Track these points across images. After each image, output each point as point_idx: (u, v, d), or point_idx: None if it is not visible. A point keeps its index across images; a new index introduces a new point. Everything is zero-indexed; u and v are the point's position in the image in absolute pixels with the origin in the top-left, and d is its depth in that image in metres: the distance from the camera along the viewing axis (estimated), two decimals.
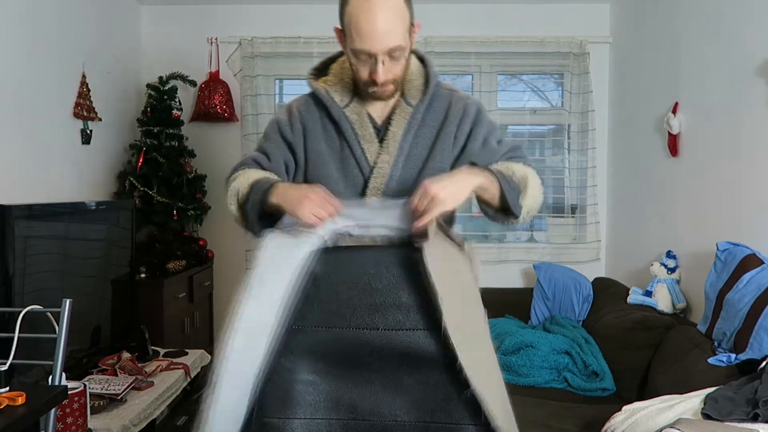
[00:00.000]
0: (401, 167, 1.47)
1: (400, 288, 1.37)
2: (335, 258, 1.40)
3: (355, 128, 1.49)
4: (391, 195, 1.46)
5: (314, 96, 1.54)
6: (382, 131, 1.50)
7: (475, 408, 1.33)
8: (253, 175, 1.47)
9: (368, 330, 1.35)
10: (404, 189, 1.45)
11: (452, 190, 1.33)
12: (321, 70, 1.58)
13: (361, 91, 1.48)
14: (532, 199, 1.46)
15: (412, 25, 1.41)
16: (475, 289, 1.41)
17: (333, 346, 1.37)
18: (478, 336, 1.36)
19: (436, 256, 1.33)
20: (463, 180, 1.37)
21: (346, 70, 1.52)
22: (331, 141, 1.50)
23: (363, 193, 1.47)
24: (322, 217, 1.33)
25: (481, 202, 1.49)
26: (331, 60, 1.59)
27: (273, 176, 1.49)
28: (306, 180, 1.53)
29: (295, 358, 1.37)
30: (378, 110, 1.51)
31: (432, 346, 1.35)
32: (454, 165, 1.50)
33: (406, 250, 1.38)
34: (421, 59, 1.55)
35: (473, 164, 1.45)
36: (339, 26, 1.43)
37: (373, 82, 1.40)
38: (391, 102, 1.50)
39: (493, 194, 1.42)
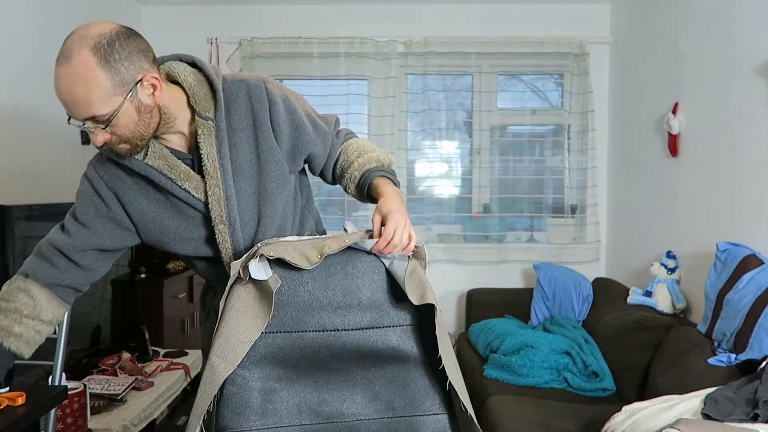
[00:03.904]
0: (234, 182, 1.38)
1: (363, 287, 1.37)
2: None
3: (165, 174, 1.35)
4: (241, 212, 1.39)
5: (108, 156, 1.38)
6: (195, 158, 1.38)
7: (441, 398, 1.40)
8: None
9: (329, 332, 1.35)
10: (250, 201, 1.40)
11: (407, 216, 1.36)
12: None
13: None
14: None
15: (138, 81, 1.23)
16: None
17: (292, 351, 1.36)
18: (445, 329, 1.41)
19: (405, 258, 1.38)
20: (400, 198, 1.41)
21: None
22: (150, 195, 1.39)
23: (212, 227, 1.39)
24: None
25: (368, 197, 1.51)
26: None
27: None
28: (143, 240, 1.44)
29: (252, 366, 1.35)
30: (177, 139, 1.38)
31: (398, 342, 1.37)
32: (295, 150, 1.44)
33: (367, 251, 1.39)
34: (192, 64, 1.39)
35: (374, 173, 1.49)
36: None
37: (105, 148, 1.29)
38: (185, 124, 1.37)
39: None
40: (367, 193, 1.51)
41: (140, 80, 1.24)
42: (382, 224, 1.34)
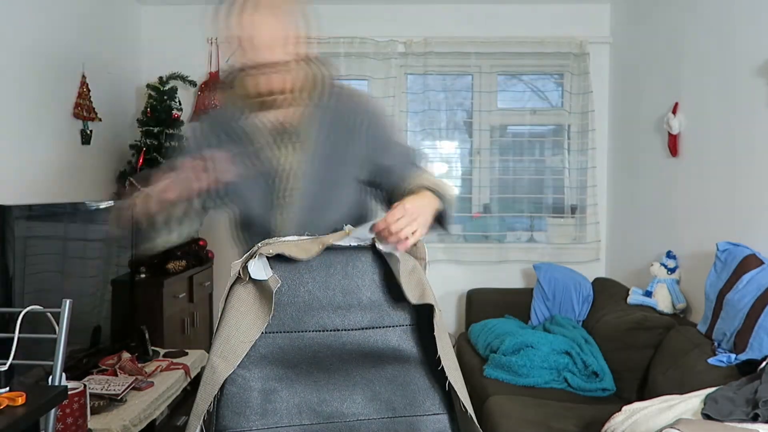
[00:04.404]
0: (315, 166, 1.50)
1: (363, 287, 1.37)
2: (295, 261, 1.38)
3: (262, 139, 1.50)
4: (309, 194, 1.49)
5: (216, 113, 1.58)
6: (292, 134, 1.51)
7: (441, 398, 1.41)
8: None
9: (329, 332, 1.36)
10: (320, 188, 1.50)
11: (425, 219, 1.35)
12: (227, 83, 1.59)
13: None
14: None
15: (306, 37, 1.45)
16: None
17: (292, 351, 1.36)
18: (445, 329, 1.41)
19: (407, 257, 1.38)
20: (429, 208, 1.40)
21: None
22: (240, 157, 1.50)
23: (281, 197, 1.50)
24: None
25: None
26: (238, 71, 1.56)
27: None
28: (220, 194, 1.56)
29: (253, 366, 1.36)
30: (282, 114, 1.51)
31: (398, 342, 1.37)
32: (364, 162, 1.54)
33: (368, 250, 1.39)
34: (321, 62, 1.57)
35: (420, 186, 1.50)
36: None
37: (259, 94, 1.45)
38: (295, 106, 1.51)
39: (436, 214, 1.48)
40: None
41: (307, 36, 1.45)
42: None
